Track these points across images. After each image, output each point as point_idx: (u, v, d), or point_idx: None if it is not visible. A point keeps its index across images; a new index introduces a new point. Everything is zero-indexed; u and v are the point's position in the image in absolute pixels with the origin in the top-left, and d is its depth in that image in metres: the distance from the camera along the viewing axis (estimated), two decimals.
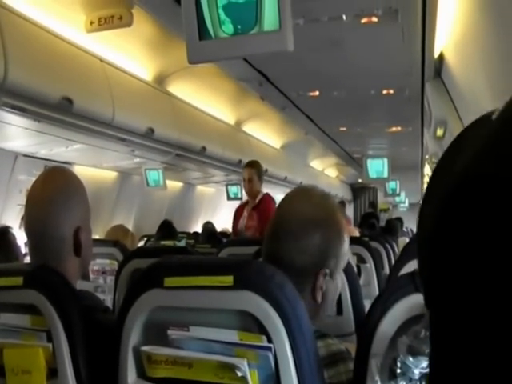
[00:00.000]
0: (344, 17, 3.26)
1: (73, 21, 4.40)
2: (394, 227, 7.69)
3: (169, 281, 1.26)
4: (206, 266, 1.28)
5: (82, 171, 6.73)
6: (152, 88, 5.83)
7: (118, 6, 4.16)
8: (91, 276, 3.34)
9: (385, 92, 5.04)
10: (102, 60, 4.89)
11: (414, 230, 9.35)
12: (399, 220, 9.44)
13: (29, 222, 1.67)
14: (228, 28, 2.45)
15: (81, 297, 1.53)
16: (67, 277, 1.53)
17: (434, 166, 0.53)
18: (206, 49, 2.51)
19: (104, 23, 4.34)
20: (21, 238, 5.29)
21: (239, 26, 2.43)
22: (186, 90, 6.36)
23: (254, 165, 5.25)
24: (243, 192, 10.31)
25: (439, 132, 5.91)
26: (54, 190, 1.63)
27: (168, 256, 1.51)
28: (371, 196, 18.08)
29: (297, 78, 4.70)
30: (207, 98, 6.86)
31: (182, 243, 5.80)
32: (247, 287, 1.18)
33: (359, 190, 18.55)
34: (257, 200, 5.19)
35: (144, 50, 5.37)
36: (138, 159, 6.76)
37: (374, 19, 3.26)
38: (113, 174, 7.58)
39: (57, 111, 4.26)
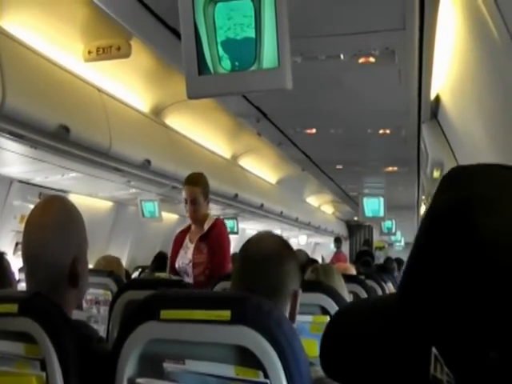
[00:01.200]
0: (342, 56, 3.25)
1: (71, 49, 4.42)
2: (390, 266, 7.65)
3: (165, 313, 1.26)
4: (203, 299, 1.29)
5: (77, 200, 6.66)
6: (149, 119, 5.84)
7: (116, 37, 4.18)
8: (84, 305, 3.29)
9: (381, 132, 5.03)
10: (99, 90, 4.90)
11: None
12: (398, 260, 9.39)
13: (26, 249, 1.66)
14: (227, 64, 2.44)
15: (76, 326, 1.53)
16: (62, 306, 1.54)
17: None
18: (205, 84, 2.50)
19: (102, 53, 4.35)
20: (15, 264, 5.22)
21: (238, 63, 2.42)
22: (182, 123, 6.37)
23: (197, 181, 4.03)
24: (239, 226, 10.38)
25: (436, 174, 5.90)
26: (54, 219, 1.63)
27: (164, 288, 1.52)
28: (367, 234, 18.06)
29: (294, 114, 4.69)
30: (204, 131, 6.87)
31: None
32: (244, 322, 1.18)
33: (355, 228, 18.53)
34: (205, 227, 4.05)
35: (142, 81, 5.38)
36: (133, 190, 6.74)
37: (372, 59, 3.25)
38: (108, 204, 7.55)
39: (53, 139, 4.25)
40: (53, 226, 1.62)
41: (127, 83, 5.29)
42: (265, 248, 1.62)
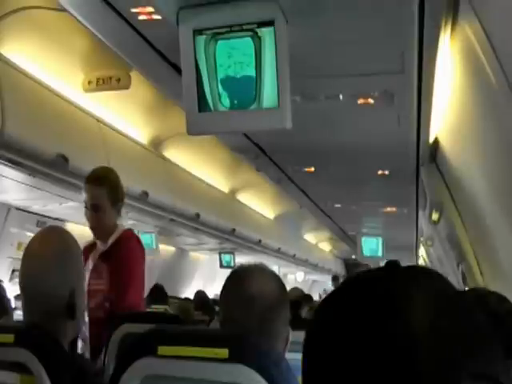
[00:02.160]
0: (341, 96, 3.27)
1: (71, 79, 4.44)
2: None
3: (163, 349, 1.26)
4: (201, 336, 1.29)
5: (74, 229, 6.64)
6: (148, 151, 5.85)
7: (116, 68, 4.21)
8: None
9: (380, 172, 5.03)
10: (98, 120, 4.92)
11: None
12: None
13: (24, 280, 1.66)
14: (227, 102, 2.46)
15: (72, 359, 1.53)
16: (59, 338, 1.54)
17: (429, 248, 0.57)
18: (205, 121, 2.52)
19: (102, 84, 4.37)
20: (11, 291, 5.18)
21: (237, 101, 2.44)
22: (181, 156, 6.38)
23: (102, 180, 3.05)
24: (236, 260, 10.36)
25: (434, 216, 5.89)
26: (52, 251, 1.64)
27: (162, 324, 1.52)
28: None
29: (293, 152, 4.70)
30: (202, 164, 6.88)
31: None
32: (242, 361, 1.18)
33: (353, 266, 18.41)
34: (109, 241, 3.02)
35: (141, 113, 5.40)
36: (131, 221, 6.71)
37: (370, 101, 3.27)
38: None
39: (52, 168, 4.25)
40: (51, 257, 1.62)
41: (126, 114, 5.31)
42: (255, 290, 1.57)
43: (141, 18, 2.51)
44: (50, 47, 4.10)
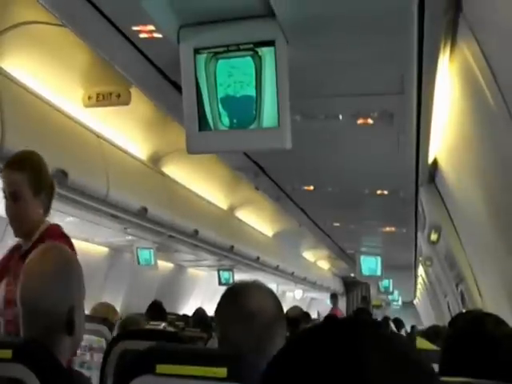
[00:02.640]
0: (340, 116, 3.27)
1: (71, 94, 4.45)
2: (387, 326, 7.54)
3: (161, 368, 1.26)
4: (200, 356, 1.28)
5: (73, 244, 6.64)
6: (147, 167, 5.86)
7: (116, 84, 4.22)
8: (78, 351, 3.24)
9: (379, 192, 5.03)
10: (98, 136, 4.92)
11: (409, 330, 9.21)
12: (396, 320, 9.26)
13: (24, 296, 1.65)
14: (226, 121, 2.46)
15: (69, 375, 1.54)
16: (57, 354, 1.53)
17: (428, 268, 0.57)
18: (206, 140, 2.52)
19: (102, 99, 4.39)
20: None
21: (237, 120, 2.44)
22: (180, 172, 6.39)
23: (23, 163, 2.55)
24: (235, 277, 10.33)
25: (433, 237, 5.89)
26: (53, 268, 1.64)
27: (161, 342, 1.52)
28: (364, 291, 17.87)
29: (292, 171, 4.70)
30: (201, 181, 6.89)
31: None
32: (241, 380, 1.18)
33: (352, 284, 18.36)
34: (32, 239, 2.50)
35: (141, 129, 5.42)
36: (130, 237, 6.71)
37: (370, 121, 3.27)
38: (104, 250, 7.51)
39: None
40: (51, 274, 1.63)
41: (126, 130, 5.33)
42: (252, 306, 1.58)
43: (142, 36, 2.52)
44: (51, 62, 4.12)
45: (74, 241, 6.68)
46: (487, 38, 2.34)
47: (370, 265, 9.16)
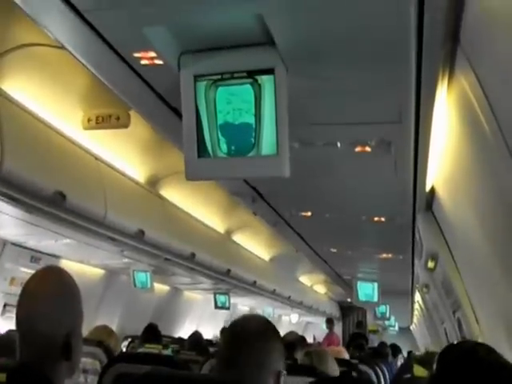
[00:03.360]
0: (339, 144, 3.29)
1: (71, 116, 4.46)
2: (384, 351, 7.50)
3: None
4: (198, 382, 1.34)
5: (68, 266, 6.63)
6: (145, 190, 5.86)
7: (116, 106, 4.22)
8: None
9: (376, 219, 5.04)
10: (97, 158, 4.93)
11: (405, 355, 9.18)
12: (393, 346, 9.21)
13: (21, 319, 1.63)
14: (225, 148, 2.46)
15: None
16: (53, 378, 1.52)
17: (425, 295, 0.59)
18: (204, 167, 2.53)
19: (101, 122, 4.39)
20: (2, 326, 5.11)
21: (236, 148, 2.45)
22: (178, 195, 6.39)
23: None
24: (231, 301, 10.27)
25: (430, 264, 5.89)
26: (51, 291, 1.63)
27: (157, 368, 1.51)
28: (360, 316, 17.80)
29: (290, 197, 4.71)
30: (199, 204, 6.88)
31: (169, 351, 5.65)
32: None
33: (348, 309, 18.29)
34: None
35: (139, 152, 5.42)
36: (126, 259, 6.69)
37: (368, 149, 3.29)
38: (100, 272, 7.48)
39: (49, 204, 4.24)
40: (49, 297, 1.61)
41: (124, 153, 5.33)
42: (250, 326, 1.73)
43: (143, 62, 2.54)
44: (51, 84, 4.12)
45: (69, 263, 6.71)
46: (484, 68, 2.36)
47: (366, 290, 9.14)
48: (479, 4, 2.11)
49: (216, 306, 10.34)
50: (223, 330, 8.73)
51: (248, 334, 1.69)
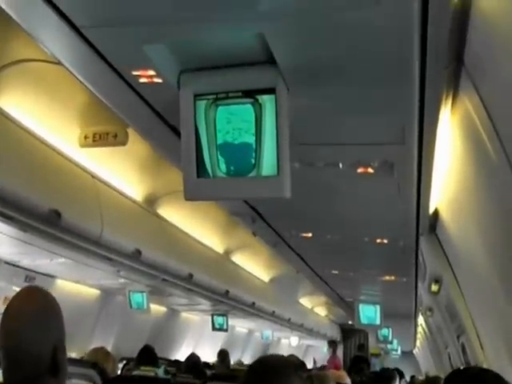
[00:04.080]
0: (340, 165, 3.29)
1: (67, 134, 4.45)
2: (385, 375, 7.42)
3: None
4: None
5: (63, 285, 6.62)
6: (142, 209, 5.85)
7: (113, 124, 4.21)
8: None
9: (378, 241, 5.03)
10: (93, 176, 4.91)
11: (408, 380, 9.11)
12: (397, 371, 9.16)
13: (6, 339, 1.64)
14: (225, 168, 2.46)
15: None
16: None
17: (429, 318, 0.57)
18: (204, 187, 2.52)
19: (99, 139, 4.38)
20: None
21: (236, 168, 2.44)
22: (176, 214, 6.38)
23: None
24: (229, 323, 10.22)
25: (434, 287, 5.88)
26: (34, 309, 1.65)
27: None
28: (362, 338, 17.68)
29: (290, 218, 4.71)
30: (197, 223, 6.87)
31: (161, 371, 5.60)
32: None
33: (349, 332, 18.14)
34: None
35: (137, 170, 5.42)
36: (122, 280, 6.67)
37: (370, 170, 3.29)
38: (95, 292, 7.46)
39: (44, 223, 4.22)
40: (33, 315, 1.63)
41: (122, 170, 5.33)
42: (270, 362, 1.81)
43: (142, 80, 2.55)
44: (48, 100, 4.13)
45: (64, 282, 6.68)
46: (488, 89, 2.37)
47: (368, 313, 9.10)
48: (483, 25, 2.13)
49: (214, 328, 10.29)
50: (220, 353, 8.68)
51: (267, 370, 1.76)
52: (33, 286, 1.83)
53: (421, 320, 12.67)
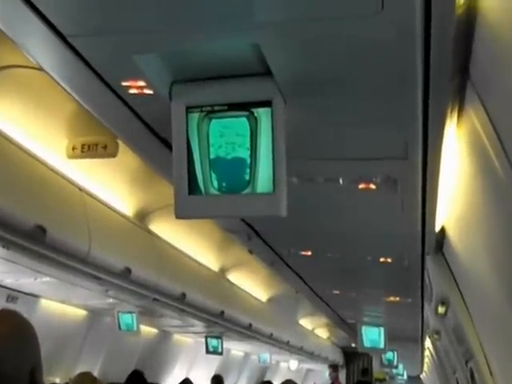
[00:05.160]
0: (341, 180, 3.31)
1: (54, 144, 4.45)
2: None
3: None
4: None
5: (48, 306, 6.60)
6: (132, 224, 5.85)
7: (103, 134, 4.20)
8: None
9: (382, 260, 5.04)
10: (81, 189, 4.91)
11: None
12: None
13: None
14: (218, 185, 2.46)
15: None
16: None
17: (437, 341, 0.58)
18: (196, 204, 2.52)
19: (87, 150, 4.37)
20: None
21: (229, 185, 2.44)
22: (168, 230, 6.38)
23: None
24: (224, 345, 10.17)
25: (441, 309, 5.88)
26: (10, 331, 1.69)
27: None
28: (365, 362, 17.64)
29: (288, 235, 4.71)
30: (191, 240, 6.87)
31: None
32: None
33: (352, 355, 18.12)
34: None
35: (127, 183, 5.42)
36: (111, 300, 6.66)
37: (372, 186, 3.31)
38: (82, 313, 7.45)
39: (28, 239, 4.22)
40: (10, 337, 1.66)
41: (111, 183, 5.33)
42: None
43: (132, 91, 2.56)
44: (33, 108, 4.13)
45: (48, 302, 6.67)
46: (494, 103, 2.39)
47: (372, 336, 9.10)
48: (489, 35, 2.15)
49: (207, 351, 10.26)
50: (215, 378, 8.67)
51: None
52: (5, 309, 1.87)
53: (428, 343, 12.64)
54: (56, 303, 6.70)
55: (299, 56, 2.21)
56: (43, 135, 4.39)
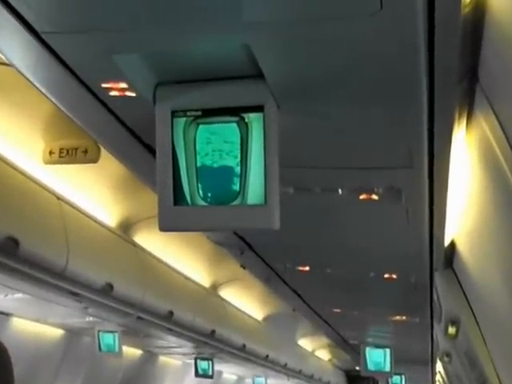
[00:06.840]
0: (340, 190, 3.32)
1: (29, 148, 4.44)
2: None
3: None
4: None
5: (20, 325, 6.60)
6: (115, 236, 5.85)
7: (83, 138, 4.17)
8: None
9: (386, 276, 5.06)
10: (58, 197, 4.91)
11: None
12: None
13: None
14: (205, 196, 2.47)
15: None
16: None
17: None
18: (181, 216, 2.53)
19: (66, 155, 4.35)
20: None
21: (218, 196, 2.46)
22: (155, 242, 6.38)
23: None
24: (215, 368, 10.17)
25: (451, 330, 5.88)
26: None
27: None
28: None
29: (284, 249, 4.72)
30: (180, 253, 6.88)
31: None
32: None
33: (357, 379, 18.08)
34: None
35: (110, 191, 5.42)
36: (91, 318, 6.66)
37: (374, 197, 3.32)
38: (58, 332, 7.44)
39: None
40: None
41: (92, 191, 5.34)
42: None
43: (112, 93, 2.58)
44: (7, 108, 4.13)
45: (22, 321, 6.67)
46: (505, 108, 2.41)
47: (376, 358, 9.09)
48: (498, 35, 2.17)
49: (197, 374, 10.26)
50: None
51: None
52: None
53: (439, 367, 12.64)
54: (30, 322, 6.69)
55: (293, 58, 2.23)
56: (17, 137, 4.39)
